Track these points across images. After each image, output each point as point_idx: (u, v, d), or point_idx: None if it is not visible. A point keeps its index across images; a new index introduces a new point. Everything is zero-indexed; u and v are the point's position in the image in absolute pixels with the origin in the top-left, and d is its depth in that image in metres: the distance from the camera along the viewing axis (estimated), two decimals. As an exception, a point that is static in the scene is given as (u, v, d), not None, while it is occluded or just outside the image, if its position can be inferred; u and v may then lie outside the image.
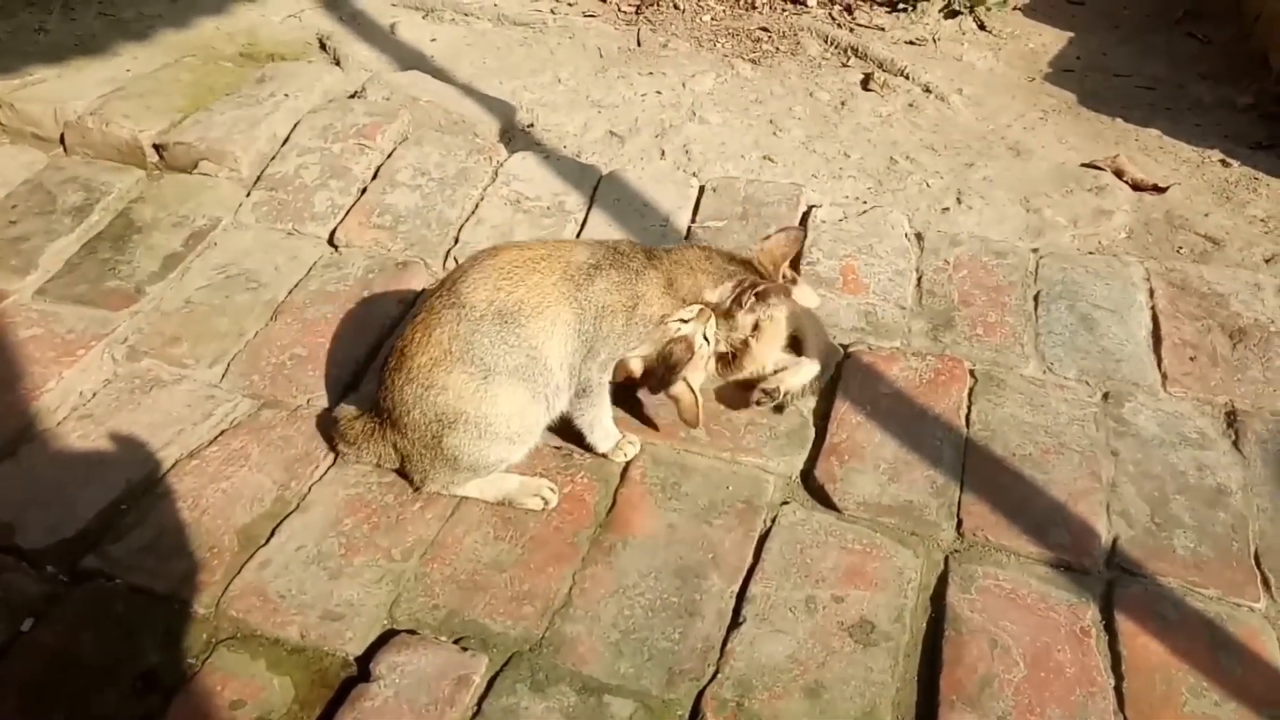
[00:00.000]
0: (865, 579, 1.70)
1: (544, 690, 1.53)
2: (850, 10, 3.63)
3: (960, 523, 1.80)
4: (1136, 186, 2.74)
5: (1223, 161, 2.86)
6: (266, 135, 2.69)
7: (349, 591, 1.66)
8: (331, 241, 2.43)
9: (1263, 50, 3.31)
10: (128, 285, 2.26)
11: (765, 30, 3.53)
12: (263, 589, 1.66)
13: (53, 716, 1.49)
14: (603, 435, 1.89)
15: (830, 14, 3.63)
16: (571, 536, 1.77)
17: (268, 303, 2.23)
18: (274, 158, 2.66)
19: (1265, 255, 2.49)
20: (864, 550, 1.75)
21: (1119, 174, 2.78)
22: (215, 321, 2.18)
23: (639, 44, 3.44)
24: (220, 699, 1.51)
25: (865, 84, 3.22)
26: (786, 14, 3.63)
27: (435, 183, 2.59)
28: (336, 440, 1.89)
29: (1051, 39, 3.57)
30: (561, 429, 1.90)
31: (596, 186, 2.61)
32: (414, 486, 1.82)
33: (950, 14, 3.62)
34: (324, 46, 3.36)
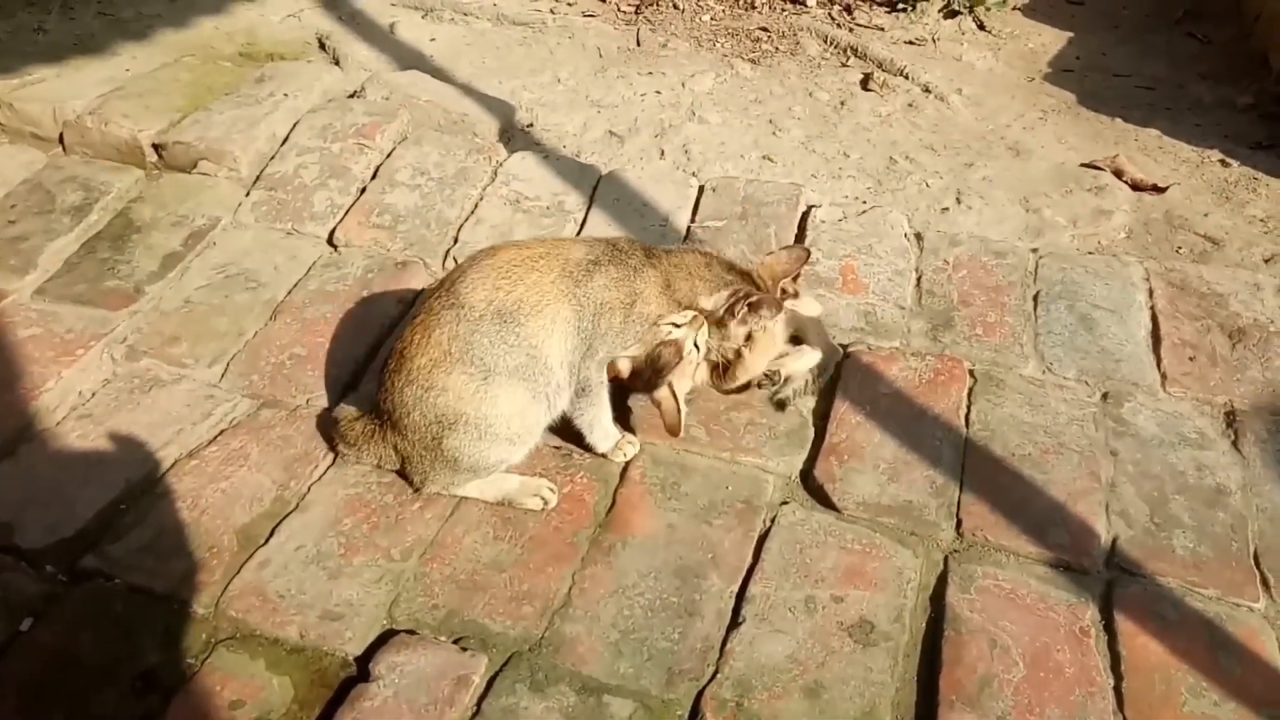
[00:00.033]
0: (865, 579, 1.70)
1: (543, 690, 1.53)
2: (850, 10, 3.63)
3: (960, 523, 1.80)
4: (1136, 186, 2.74)
5: (1222, 161, 2.86)
6: (266, 135, 2.68)
7: (348, 591, 1.66)
8: (331, 241, 2.43)
9: (1262, 50, 3.31)
10: (127, 285, 2.26)
11: (765, 30, 3.53)
12: (262, 589, 1.66)
13: (52, 716, 1.49)
14: (602, 435, 1.89)
15: (830, 14, 3.63)
16: (571, 536, 1.77)
17: (267, 302, 2.23)
18: (273, 157, 2.66)
19: (1265, 255, 2.49)
20: (863, 550, 1.75)
21: (1118, 174, 2.78)
22: (214, 321, 2.18)
23: (638, 44, 3.44)
24: (219, 699, 1.51)
25: (865, 84, 3.22)
26: (786, 14, 3.63)
27: (434, 182, 2.59)
28: (336, 441, 1.89)
29: (1051, 39, 3.57)
30: (561, 429, 1.90)
31: (596, 186, 2.61)
32: (414, 487, 1.82)
33: (950, 14, 3.62)
34: (323, 46, 3.36)
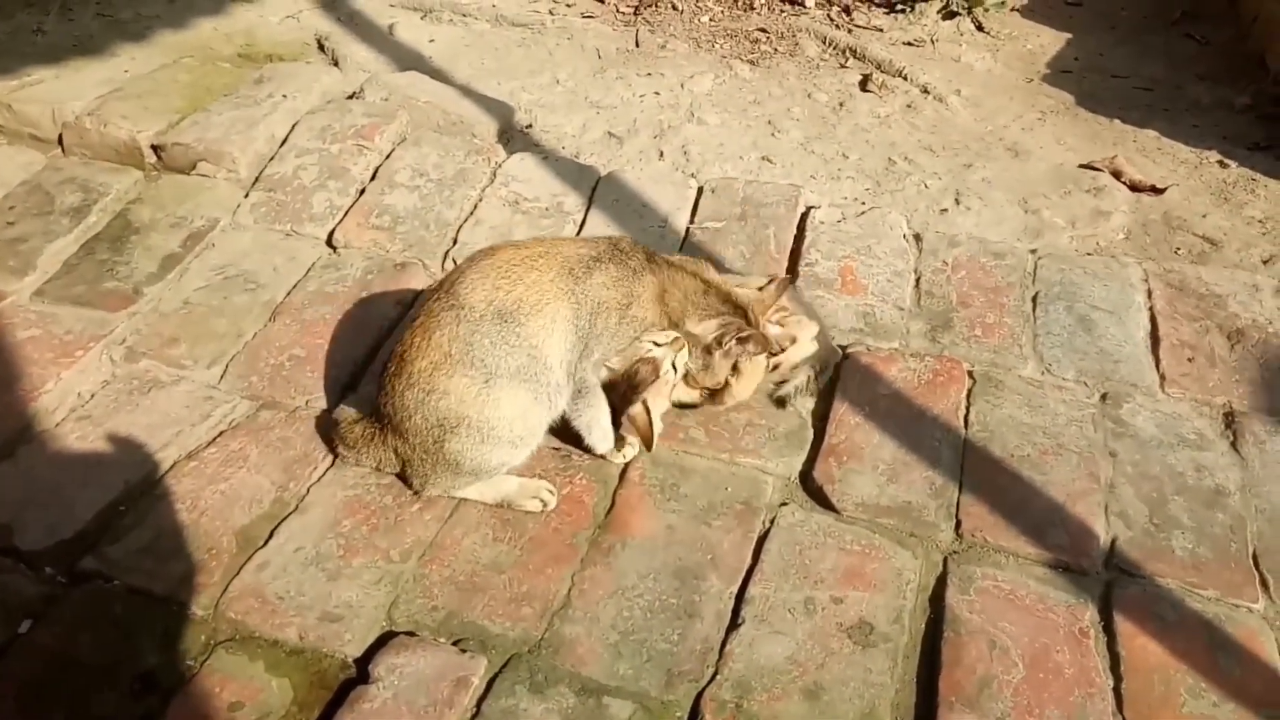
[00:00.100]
0: (864, 580, 1.70)
1: (543, 692, 1.53)
2: (848, 11, 3.63)
3: (959, 524, 1.80)
4: (1134, 187, 2.74)
5: (1220, 162, 2.86)
6: (265, 136, 2.68)
7: (348, 593, 1.66)
8: (330, 242, 2.42)
9: (1260, 51, 3.31)
10: (126, 286, 2.26)
11: (764, 31, 3.53)
12: (261, 590, 1.66)
13: (51, 718, 1.48)
14: (601, 436, 1.88)
15: (828, 15, 3.63)
16: (570, 538, 1.77)
17: (266, 304, 2.23)
18: (272, 158, 2.65)
19: (1263, 256, 2.49)
20: (863, 551, 1.75)
21: (1117, 175, 2.78)
22: (213, 322, 2.18)
23: (637, 45, 3.44)
24: (219, 700, 1.51)
25: (863, 85, 3.22)
26: (785, 15, 3.63)
27: (433, 183, 2.59)
28: (336, 443, 1.88)
29: (1049, 40, 3.57)
30: (560, 430, 1.90)
31: (595, 187, 2.61)
32: (414, 490, 1.82)
33: (948, 15, 3.62)
34: (322, 47, 3.36)
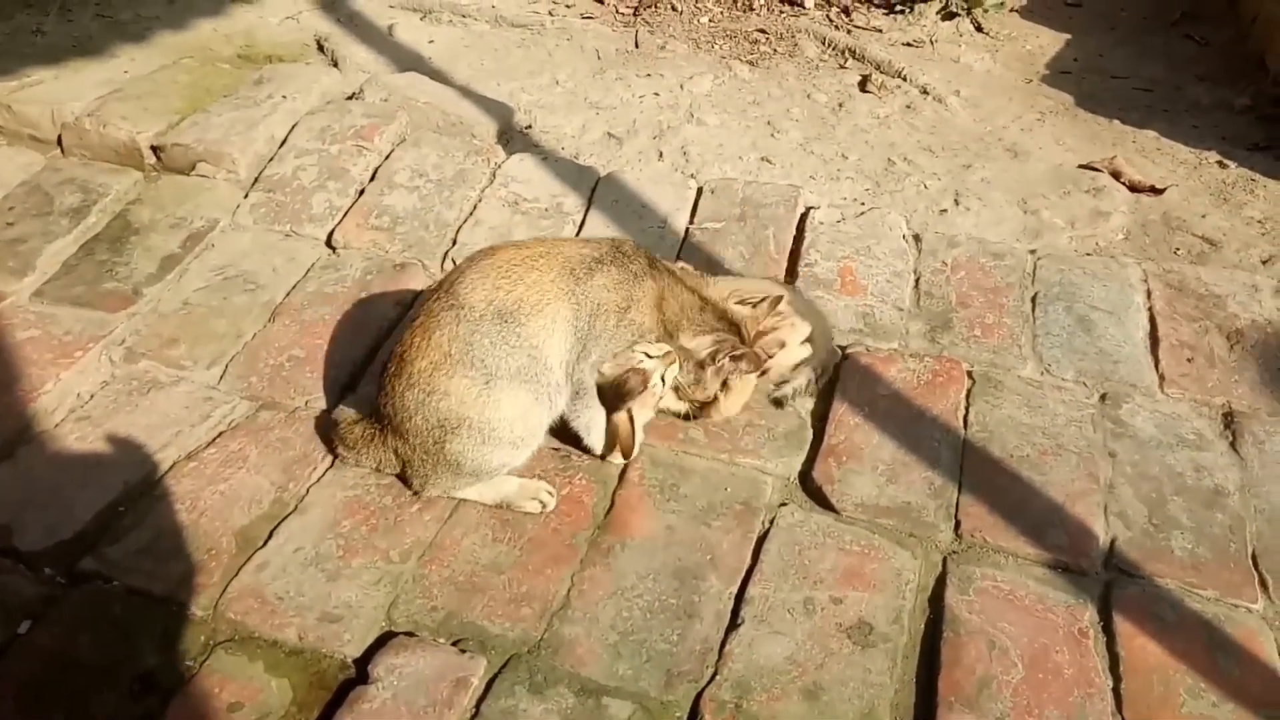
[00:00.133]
0: (863, 580, 1.70)
1: (542, 692, 1.53)
2: (848, 12, 3.63)
3: (958, 524, 1.80)
4: (1134, 188, 2.74)
5: (1220, 163, 2.87)
6: (264, 137, 2.68)
7: (347, 593, 1.66)
8: (329, 243, 2.42)
9: (1259, 52, 3.31)
10: (125, 287, 2.26)
11: (763, 32, 3.54)
12: (260, 591, 1.66)
13: (51, 718, 1.48)
14: (600, 437, 1.88)
15: (828, 16, 3.63)
16: (570, 538, 1.77)
17: (265, 304, 2.23)
18: (272, 159, 2.65)
19: (1262, 256, 2.50)
20: (862, 551, 1.75)
21: (1116, 175, 2.78)
22: (213, 323, 2.18)
23: (637, 46, 3.44)
24: (218, 701, 1.51)
25: (863, 86, 3.22)
26: (784, 16, 3.63)
27: (433, 184, 2.59)
28: (336, 444, 1.88)
29: (1049, 41, 3.57)
30: (560, 431, 1.90)
31: (594, 188, 2.61)
32: (413, 490, 1.82)
33: (947, 16, 3.62)
34: (322, 48, 3.36)
